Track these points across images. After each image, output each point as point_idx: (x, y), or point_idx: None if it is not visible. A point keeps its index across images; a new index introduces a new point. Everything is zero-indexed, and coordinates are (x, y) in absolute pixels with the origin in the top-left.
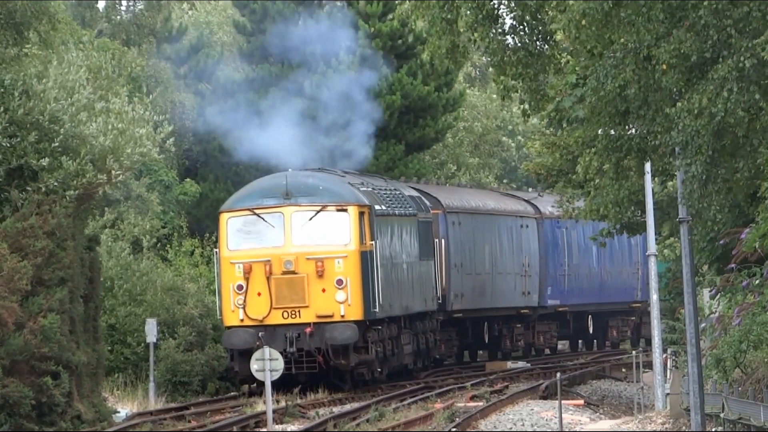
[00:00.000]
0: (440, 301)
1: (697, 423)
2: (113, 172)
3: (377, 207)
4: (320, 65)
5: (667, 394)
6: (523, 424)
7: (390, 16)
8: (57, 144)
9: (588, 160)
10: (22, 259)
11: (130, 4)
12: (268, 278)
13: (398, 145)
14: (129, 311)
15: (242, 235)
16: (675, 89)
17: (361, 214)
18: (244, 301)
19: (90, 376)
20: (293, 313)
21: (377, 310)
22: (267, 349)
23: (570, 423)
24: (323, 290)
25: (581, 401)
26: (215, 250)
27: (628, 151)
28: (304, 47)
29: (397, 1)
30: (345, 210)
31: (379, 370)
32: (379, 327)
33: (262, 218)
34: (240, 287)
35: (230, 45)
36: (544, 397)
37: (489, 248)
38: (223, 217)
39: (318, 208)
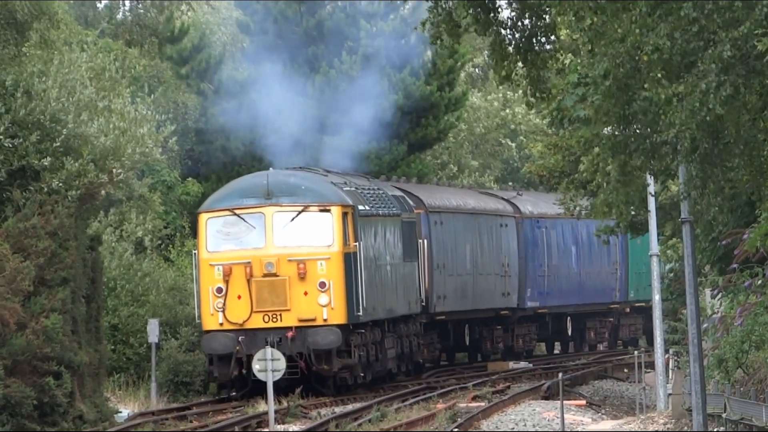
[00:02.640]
0: (423, 303)
1: (699, 423)
2: (114, 171)
3: (361, 207)
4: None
5: (669, 394)
6: (525, 425)
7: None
8: (59, 144)
9: (592, 160)
10: (25, 259)
11: (133, 4)
12: (248, 281)
13: (401, 145)
14: (131, 311)
15: (222, 237)
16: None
17: (345, 214)
18: (224, 304)
19: (92, 377)
20: (274, 316)
21: (361, 313)
22: (269, 349)
23: (572, 423)
24: (305, 293)
25: (583, 401)
26: (194, 251)
27: (632, 152)
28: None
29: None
30: (328, 210)
31: (362, 375)
32: (363, 331)
33: (243, 219)
34: (219, 290)
35: (231, 45)
36: (546, 398)
37: (470, 248)
38: (202, 218)
39: (300, 208)
